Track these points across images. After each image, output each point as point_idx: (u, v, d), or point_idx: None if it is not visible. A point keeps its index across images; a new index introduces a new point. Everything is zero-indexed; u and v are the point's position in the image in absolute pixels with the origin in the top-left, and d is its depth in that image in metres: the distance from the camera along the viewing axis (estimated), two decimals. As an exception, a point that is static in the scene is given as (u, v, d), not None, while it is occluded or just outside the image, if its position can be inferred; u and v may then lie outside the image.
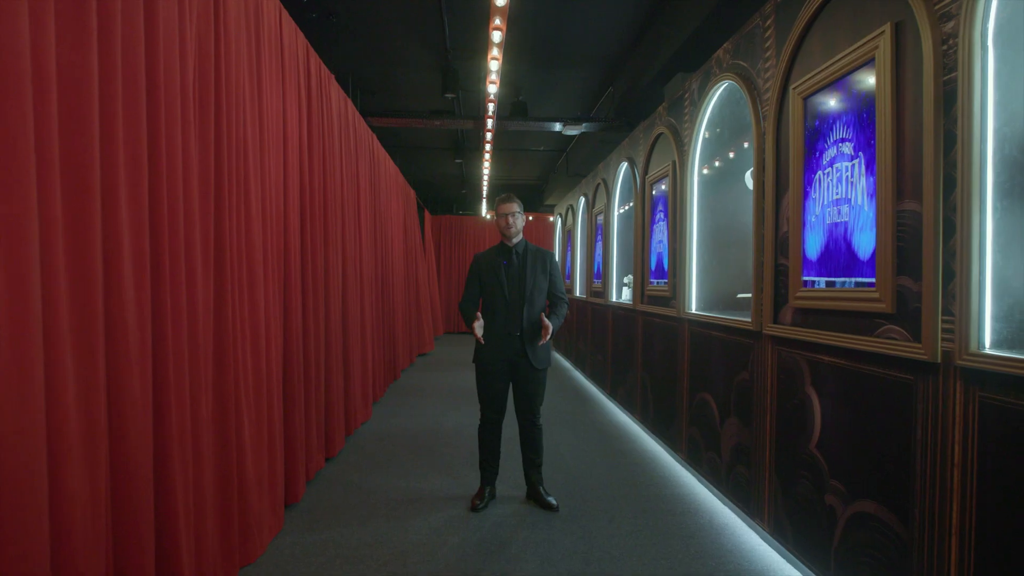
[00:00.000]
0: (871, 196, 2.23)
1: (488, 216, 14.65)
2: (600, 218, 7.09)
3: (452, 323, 14.04)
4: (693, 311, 4.03)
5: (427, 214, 12.87)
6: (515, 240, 3.46)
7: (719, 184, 4.04)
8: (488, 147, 7.18)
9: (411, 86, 6.97)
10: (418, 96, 7.28)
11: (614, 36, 5.78)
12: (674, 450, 4.26)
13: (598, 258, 7.24)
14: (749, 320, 3.13)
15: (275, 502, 3.06)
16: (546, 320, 3.27)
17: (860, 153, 2.30)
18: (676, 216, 4.33)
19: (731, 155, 3.93)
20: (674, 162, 4.37)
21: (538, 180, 13.02)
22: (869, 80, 2.25)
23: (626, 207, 6.37)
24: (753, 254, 3.10)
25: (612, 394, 6.23)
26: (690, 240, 4.07)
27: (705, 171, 4.05)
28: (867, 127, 2.26)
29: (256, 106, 2.94)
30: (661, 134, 4.72)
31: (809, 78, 2.59)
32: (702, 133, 3.97)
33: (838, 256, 2.41)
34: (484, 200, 13.37)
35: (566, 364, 9.08)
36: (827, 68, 2.46)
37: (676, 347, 4.29)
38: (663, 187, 4.70)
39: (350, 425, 4.83)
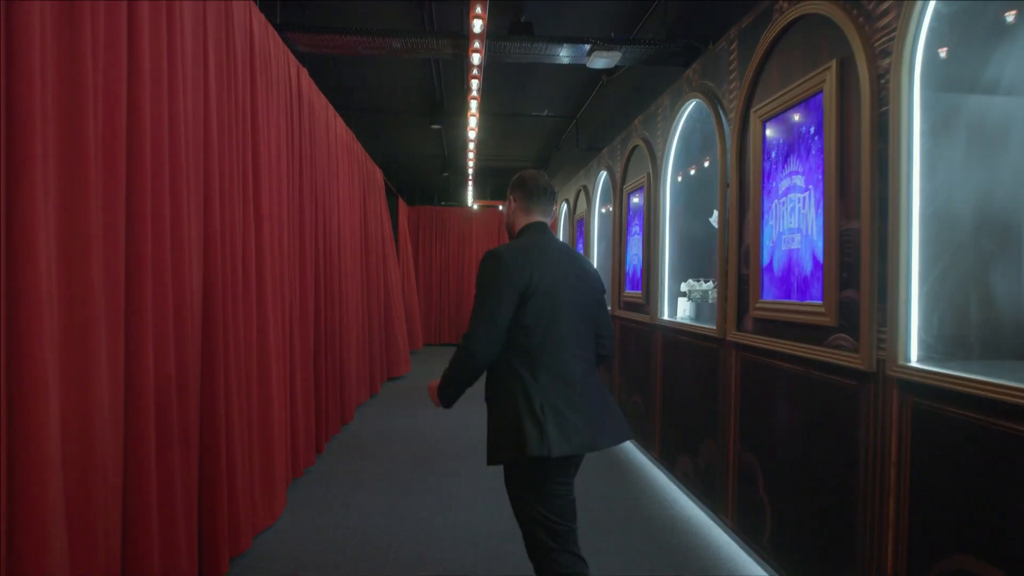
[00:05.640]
0: None
1: (475, 207, 12.46)
2: (637, 197, 4.91)
3: (432, 334, 11.82)
4: (913, 363, 1.88)
5: (402, 204, 10.66)
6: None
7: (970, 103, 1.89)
8: (475, 88, 4.92)
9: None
10: (372, 12, 5.04)
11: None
12: (852, 639, 2.10)
13: (634, 256, 5.06)
14: None
15: None
16: None
17: None
18: (851, 167, 2.17)
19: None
20: (840, 61, 2.21)
21: (537, 161, 10.86)
22: None
23: (684, 174, 4.21)
24: None
25: (665, 463, 4.06)
26: (904, 213, 1.92)
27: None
28: None
29: None
30: (801, 18, 2.55)
31: None
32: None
33: None
34: (470, 183, 11.15)
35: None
36: None
37: (855, 430, 2.13)
38: (795, 117, 2.55)
39: (241, 540, 2.63)
